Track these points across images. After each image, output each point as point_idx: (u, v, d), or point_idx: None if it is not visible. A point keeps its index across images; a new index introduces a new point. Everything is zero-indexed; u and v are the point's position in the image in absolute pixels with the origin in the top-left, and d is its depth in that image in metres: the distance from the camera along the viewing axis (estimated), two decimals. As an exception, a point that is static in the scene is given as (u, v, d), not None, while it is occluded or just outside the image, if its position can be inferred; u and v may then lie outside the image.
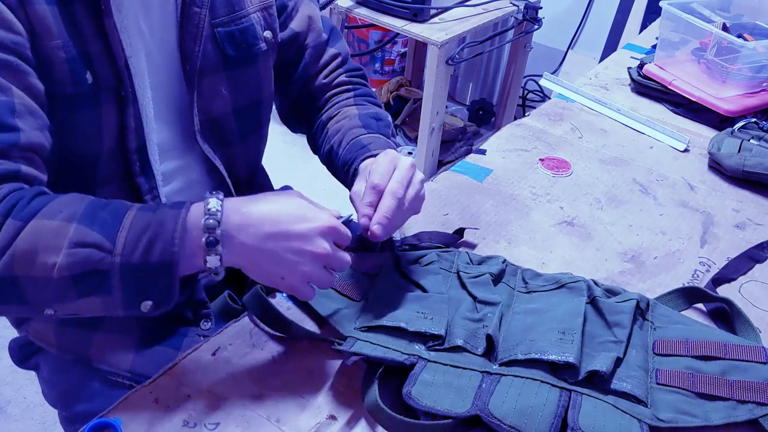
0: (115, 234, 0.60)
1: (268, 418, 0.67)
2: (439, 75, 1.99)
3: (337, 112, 0.95)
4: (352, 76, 0.99)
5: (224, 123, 0.88)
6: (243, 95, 0.89)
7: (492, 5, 2.15)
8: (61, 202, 0.62)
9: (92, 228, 0.59)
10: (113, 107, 0.75)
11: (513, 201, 1.04)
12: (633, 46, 1.64)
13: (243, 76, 0.87)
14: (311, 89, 0.98)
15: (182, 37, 0.80)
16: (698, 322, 0.81)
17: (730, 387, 0.69)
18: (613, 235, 0.98)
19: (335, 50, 0.98)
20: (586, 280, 0.82)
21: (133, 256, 0.60)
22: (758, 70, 1.27)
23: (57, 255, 0.58)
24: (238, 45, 0.85)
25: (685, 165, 1.17)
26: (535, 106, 2.53)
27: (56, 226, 0.59)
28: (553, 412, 0.64)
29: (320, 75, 0.98)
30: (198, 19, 0.80)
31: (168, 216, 0.62)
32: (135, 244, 0.60)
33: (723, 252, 0.96)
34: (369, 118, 0.92)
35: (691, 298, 0.85)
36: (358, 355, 0.68)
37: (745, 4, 1.47)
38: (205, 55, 0.82)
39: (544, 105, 1.34)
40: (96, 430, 0.64)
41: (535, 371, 0.69)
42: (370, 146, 0.86)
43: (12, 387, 1.68)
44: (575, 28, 2.93)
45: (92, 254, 0.59)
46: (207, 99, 0.85)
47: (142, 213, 0.62)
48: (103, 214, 0.61)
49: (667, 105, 1.35)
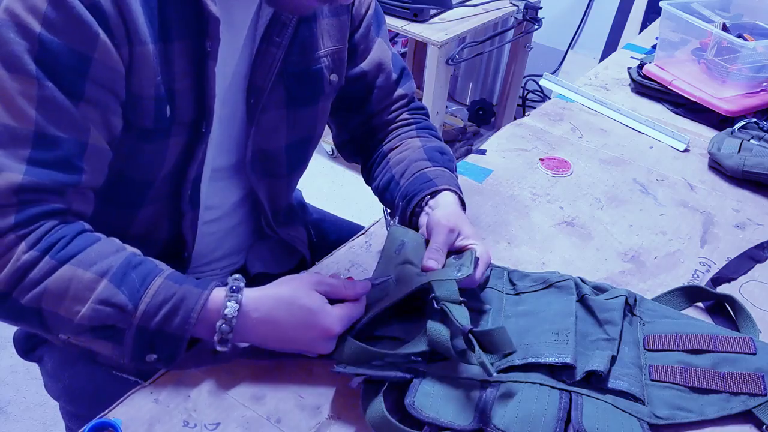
0: (138, 299, 0.64)
1: (268, 418, 0.67)
2: (439, 75, 2.00)
3: (399, 143, 0.95)
4: (414, 113, 0.99)
5: (275, 157, 0.89)
6: (298, 132, 0.89)
7: (492, 5, 2.15)
8: (98, 252, 0.66)
9: (120, 288, 0.64)
10: (183, 139, 0.76)
11: (513, 201, 1.04)
12: (633, 46, 1.64)
13: (302, 114, 0.88)
14: (373, 125, 0.98)
15: (253, 74, 0.80)
16: (685, 315, 0.82)
17: (722, 379, 0.70)
18: (613, 235, 0.98)
19: (403, 91, 0.97)
20: (573, 278, 0.82)
21: (151, 323, 0.65)
22: (758, 70, 1.27)
23: (82, 305, 0.63)
24: (304, 86, 0.85)
25: (685, 165, 1.17)
26: (535, 106, 2.53)
27: (88, 279, 0.64)
28: (556, 416, 0.64)
29: (384, 113, 0.97)
30: (272, 60, 0.79)
31: (191, 295, 0.66)
32: (155, 313, 0.65)
33: (723, 252, 0.96)
34: (434, 152, 0.92)
35: (692, 296, 0.85)
36: (359, 375, 0.67)
37: (745, 4, 1.47)
38: (271, 93, 0.82)
39: (544, 105, 1.34)
40: (96, 430, 0.64)
41: (534, 374, 0.69)
42: (435, 180, 0.86)
43: (12, 387, 1.67)
44: (575, 28, 2.93)
45: (114, 314, 0.64)
46: (264, 133, 0.85)
47: (167, 283, 0.66)
48: (133, 275, 0.66)
49: (667, 105, 1.35)
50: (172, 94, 0.72)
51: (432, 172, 0.88)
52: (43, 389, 0.97)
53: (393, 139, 0.96)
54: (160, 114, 0.72)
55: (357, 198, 2.37)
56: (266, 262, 1.01)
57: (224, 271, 0.98)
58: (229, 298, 0.67)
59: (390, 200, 0.92)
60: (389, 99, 0.97)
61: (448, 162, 0.92)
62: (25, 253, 0.63)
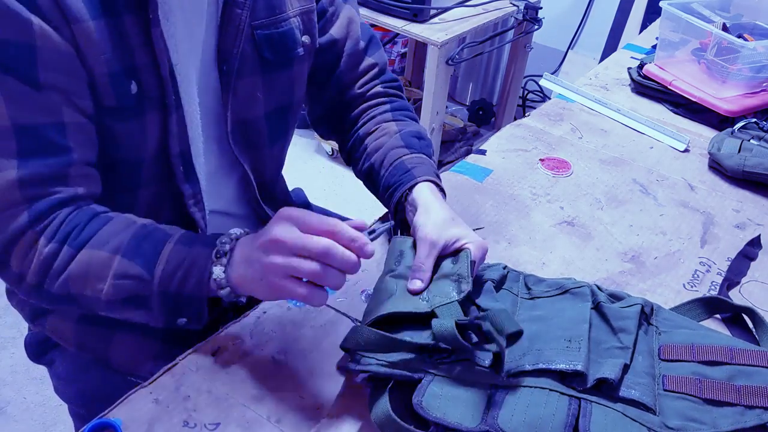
0: (153, 266, 0.67)
1: (268, 418, 0.67)
2: (439, 75, 2.00)
3: (375, 127, 0.94)
4: (388, 87, 0.98)
5: (255, 126, 0.88)
6: (275, 99, 0.88)
7: (492, 5, 2.15)
8: (109, 232, 0.69)
9: (134, 260, 0.67)
10: (157, 115, 0.76)
11: (513, 201, 1.04)
12: (633, 46, 1.64)
13: (278, 79, 0.87)
14: (346, 98, 0.97)
15: (221, 39, 0.80)
16: (703, 326, 0.80)
17: (737, 392, 0.68)
18: (613, 235, 0.98)
19: (373, 60, 0.96)
20: (590, 285, 0.80)
21: (170, 287, 0.68)
22: (758, 70, 1.27)
23: (104, 283, 0.67)
24: (276, 49, 0.85)
25: (686, 165, 1.17)
26: (535, 106, 2.54)
27: (103, 258, 0.67)
28: (564, 422, 0.63)
29: (356, 84, 0.96)
30: (239, 21, 0.79)
31: (201, 255, 0.68)
32: (171, 277, 0.67)
33: (723, 252, 0.96)
34: (411, 137, 0.91)
35: (711, 307, 0.84)
36: (366, 372, 0.67)
37: (745, 4, 1.47)
38: (243, 57, 0.82)
39: (544, 105, 1.34)
40: (96, 430, 0.64)
41: (544, 380, 0.68)
42: (414, 171, 0.85)
43: (12, 387, 1.67)
44: (575, 28, 2.93)
45: (134, 284, 0.67)
46: (241, 102, 0.84)
47: (178, 248, 0.69)
48: (145, 245, 0.68)
49: (667, 105, 1.35)
50: (135, 69, 0.72)
51: (410, 161, 0.87)
52: (43, 389, 0.97)
53: (368, 122, 0.95)
54: (122, 91, 0.71)
55: (357, 198, 2.37)
56: None
57: None
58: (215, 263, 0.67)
59: (374, 189, 0.93)
60: (359, 68, 0.96)
61: (426, 147, 0.91)
62: (46, 246, 0.67)
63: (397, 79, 1.00)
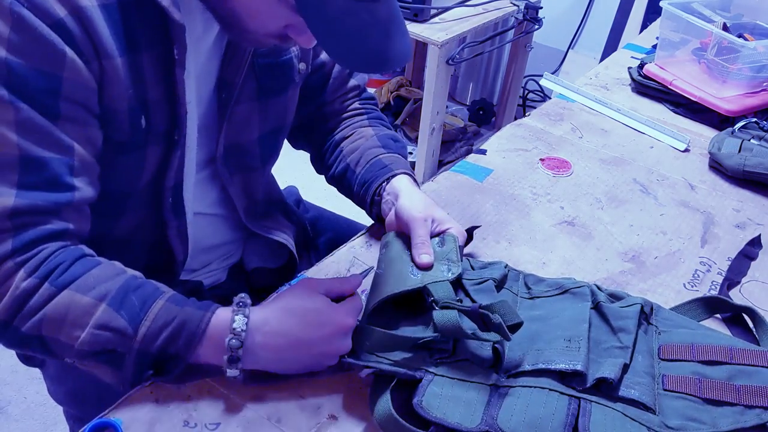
0: (139, 322, 0.63)
1: (268, 418, 0.67)
2: (440, 75, 1.99)
3: (351, 132, 0.96)
4: (365, 103, 1.01)
5: (249, 149, 0.88)
6: (270, 123, 0.89)
7: (492, 5, 2.15)
8: (97, 277, 0.65)
9: (119, 312, 0.63)
10: (158, 149, 0.75)
11: (513, 201, 1.04)
12: (633, 46, 1.64)
13: (273, 105, 0.88)
14: (325, 112, 0.99)
15: (224, 69, 0.79)
16: (702, 325, 0.80)
17: (737, 392, 0.68)
18: (613, 235, 0.98)
19: (356, 82, 0.99)
20: (589, 285, 0.80)
21: (152, 347, 0.64)
22: (758, 69, 1.27)
23: (82, 331, 0.62)
24: (275, 76, 0.85)
25: (686, 165, 1.17)
26: (535, 106, 2.53)
27: (86, 303, 0.63)
28: (563, 422, 0.63)
29: (336, 101, 0.99)
30: (244, 54, 0.79)
31: (193, 318, 0.65)
32: (156, 336, 0.63)
33: (723, 252, 0.96)
34: (387, 139, 0.94)
35: (712, 307, 0.84)
36: (369, 368, 0.67)
37: (745, 4, 1.47)
38: (242, 85, 0.82)
39: (544, 105, 1.34)
40: (96, 430, 0.64)
41: (543, 379, 0.68)
42: (391, 166, 0.88)
43: (12, 387, 1.67)
44: (575, 28, 2.93)
45: (114, 338, 0.63)
46: (236, 127, 0.84)
47: (168, 306, 0.65)
48: (133, 298, 0.64)
49: (668, 105, 1.35)
50: (146, 104, 0.71)
51: (387, 158, 0.90)
52: (43, 389, 0.97)
53: (345, 129, 0.97)
54: (135, 126, 0.71)
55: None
56: (263, 257, 1.00)
57: (221, 266, 0.98)
58: (236, 312, 0.65)
59: (348, 188, 0.94)
60: (343, 89, 0.98)
61: (401, 149, 0.94)
62: (24, 280, 0.62)
63: (373, 96, 1.04)
